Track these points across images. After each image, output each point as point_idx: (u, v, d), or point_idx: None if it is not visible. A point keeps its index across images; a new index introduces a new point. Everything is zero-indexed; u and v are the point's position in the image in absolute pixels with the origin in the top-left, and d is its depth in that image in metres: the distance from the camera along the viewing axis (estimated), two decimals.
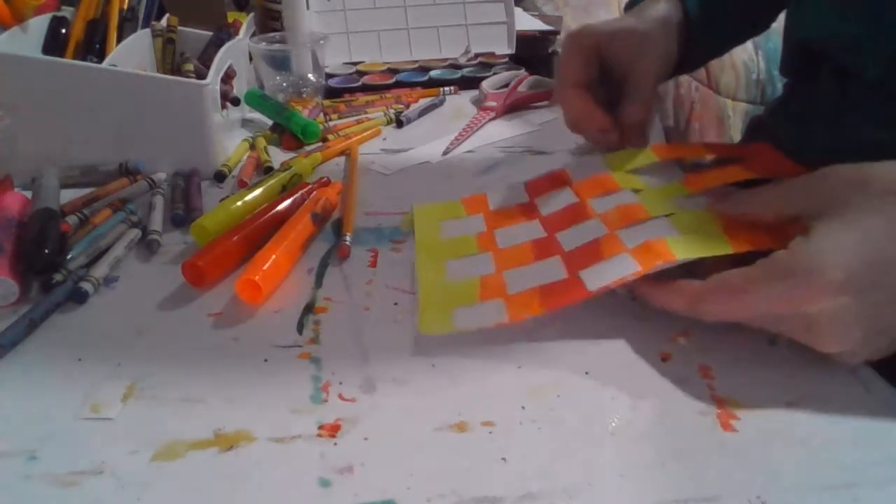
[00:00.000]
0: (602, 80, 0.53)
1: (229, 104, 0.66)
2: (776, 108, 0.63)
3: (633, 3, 0.58)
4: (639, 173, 0.48)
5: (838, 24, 0.49)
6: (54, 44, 0.64)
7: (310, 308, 0.42)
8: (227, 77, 0.67)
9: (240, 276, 0.42)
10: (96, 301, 0.43)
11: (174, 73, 0.67)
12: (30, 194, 0.51)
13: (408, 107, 0.76)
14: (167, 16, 0.72)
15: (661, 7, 0.54)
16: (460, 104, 0.78)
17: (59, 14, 0.66)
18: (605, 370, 0.36)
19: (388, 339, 0.39)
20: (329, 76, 0.83)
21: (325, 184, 0.56)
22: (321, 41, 0.76)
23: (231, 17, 0.84)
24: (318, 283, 0.45)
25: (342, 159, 0.65)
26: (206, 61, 0.66)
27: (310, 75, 0.76)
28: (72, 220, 0.49)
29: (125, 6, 0.69)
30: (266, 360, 0.37)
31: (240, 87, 0.71)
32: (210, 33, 0.73)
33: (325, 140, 0.68)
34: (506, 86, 0.78)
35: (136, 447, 0.31)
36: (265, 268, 0.42)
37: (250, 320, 0.41)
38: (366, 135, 0.69)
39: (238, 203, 0.50)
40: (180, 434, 0.32)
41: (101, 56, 0.64)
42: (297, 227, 0.47)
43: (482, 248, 0.46)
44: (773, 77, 1.30)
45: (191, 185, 0.56)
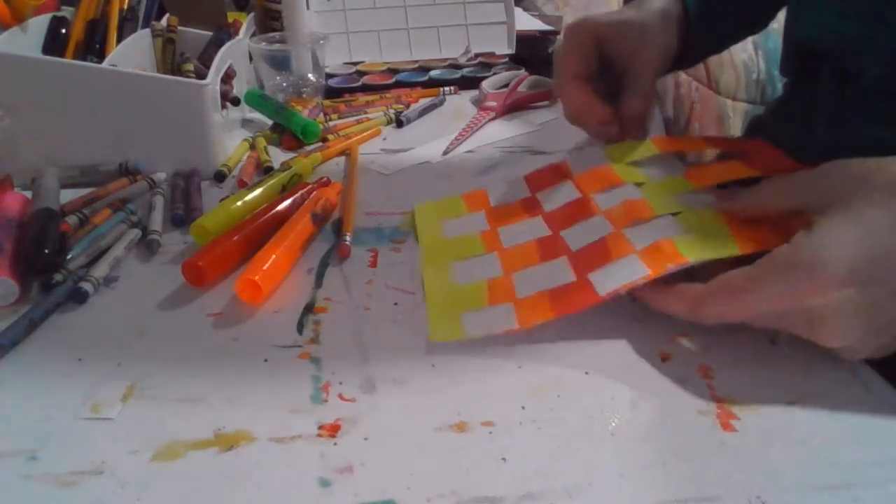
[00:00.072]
0: (602, 72, 0.53)
1: (229, 104, 0.67)
2: (776, 107, 0.63)
3: None
4: (640, 166, 0.48)
5: (838, 24, 0.49)
6: (54, 44, 0.64)
7: (310, 308, 0.42)
8: (227, 77, 0.67)
9: (240, 276, 0.42)
10: (96, 301, 0.43)
11: (174, 73, 0.67)
12: (30, 194, 0.51)
13: (408, 107, 0.76)
14: (167, 16, 0.72)
15: (660, 0, 0.54)
16: (460, 104, 0.78)
17: (59, 14, 0.66)
18: (605, 370, 0.36)
19: (388, 339, 0.39)
20: (329, 76, 0.83)
21: (325, 184, 0.56)
22: (321, 41, 0.76)
23: (231, 17, 0.84)
24: (318, 283, 0.45)
25: (342, 159, 0.65)
26: (206, 61, 0.66)
27: (310, 75, 0.76)
28: (72, 220, 0.49)
29: (125, 6, 0.69)
30: (266, 360, 0.37)
31: (240, 87, 0.71)
32: (210, 33, 0.73)
33: (325, 140, 0.68)
34: (506, 86, 0.78)
35: (136, 447, 0.31)
36: (265, 268, 0.42)
37: (250, 320, 0.41)
38: (366, 135, 0.69)
39: (238, 203, 0.50)
40: (180, 434, 0.32)
41: (101, 56, 0.64)
42: (297, 227, 0.47)
43: (487, 248, 0.46)
44: (773, 77, 1.30)
45: (191, 185, 0.56)
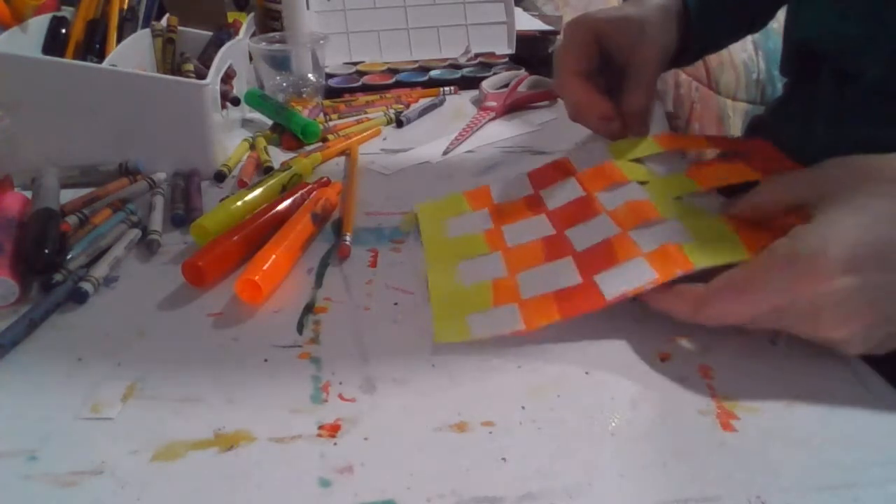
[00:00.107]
0: (602, 69, 0.52)
1: (229, 104, 0.66)
2: (776, 107, 0.63)
3: None
4: (643, 162, 0.48)
5: (838, 24, 0.49)
6: (54, 44, 0.64)
7: (310, 308, 0.42)
8: (227, 77, 0.67)
9: (240, 276, 0.42)
10: (96, 301, 0.43)
11: (174, 73, 0.67)
12: (30, 194, 0.51)
13: (408, 107, 0.76)
14: (167, 16, 0.72)
15: None
16: (460, 104, 0.78)
17: (59, 14, 0.66)
18: (605, 370, 0.36)
19: (388, 339, 0.39)
20: (329, 76, 0.83)
21: (325, 184, 0.56)
22: (321, 41, 0.76)
23: (231, 17, 0.84)
24: (318, 283, 0.45)
25: (342, 159, 0.65)
26: (206, 61, 0.66)
27: (310, 75, 0.76)
28: (72, 220, 0.49)
29: (125, 6, 0.69)
30: (266, 360, 0.37)
31: (240, 87, 0.71)
32: (210, 33, 0.73)
33: (325, 140, 0.68)
34: (506, 86, 0.78)
35: (136, 447, 0.31)
36: (265, 268, 0.42)
37: (250, 320, 0.41)
38: (366, 135, 0.69)
39: (238, 203, 0.50)
40: (180, 434, 0.32)
41: (101, 56, 0.64)
42: (297, 227, 0.47)
43: (492, 247, 0.46)
44: (773, 77, 1.30)
45: (191, 185, 0.56)
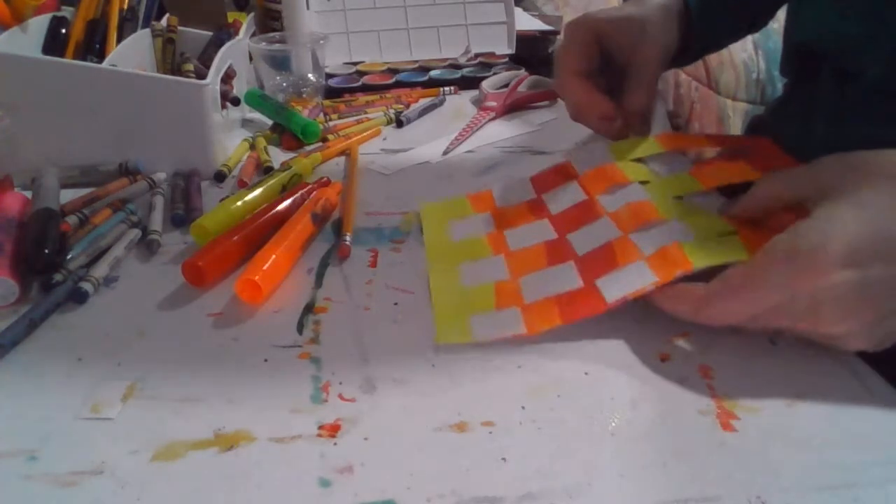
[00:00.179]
0: (603, 68, 0.52)
1: (229, 104, 0.66)
2: (776, 107, 0.63)
3: None
4: (644, 162, 0.48)
5: (838, 24, 0.49)
6: (54, 44, 0.64)
7: (310, 308, 0.42)
8: (227, 77, 0.67)
9: (240, 276, 0.42)
10: (96, 301, 0.43)
11: (174, 73, 0.67)
12: (30, 194, 0.51)
13: (408, 107, 0.76)
14: (167, 16, 0.72)
15: None
16: (460, 104, 0.78)
17: (59, 14, 0.66)
18: (605, 370, 0.36)
19: (388, 339, 0.39)
20: (329, 76, 0.83)
21: (325, 184, 0.56)
22: (321, 41, 0.76)
23: (231, 17, 0.84)
24: (318, 283, 0.45)
25: (342, 159, 0.65)
26: (206, 61, 0.66)
27: (310, 75, 0.76)
28: (72, 220, 0.49)
29: (125, 6, 0.69)
30: (266, 360, 0.37)
31: (240, 87, 0.71)
32: (210, 33, 0.73)
33: (325, 140, 0.68)
34: (506, 86, 0.78)
35: (136, 447, 0.31)
36: (265, 268, 0.42)
37: (250, 320, 0.41)
38: (366, 135, 0.69)
39: (238, 203, 0.50)
40: (180, 434, 0.32)
41: (101, 56, 0.64)
42: (297, 227, 0.47)
43: (494, 251, 0.46)
44: (773, 77, 1.30)
45: (191, 185, 0.56)
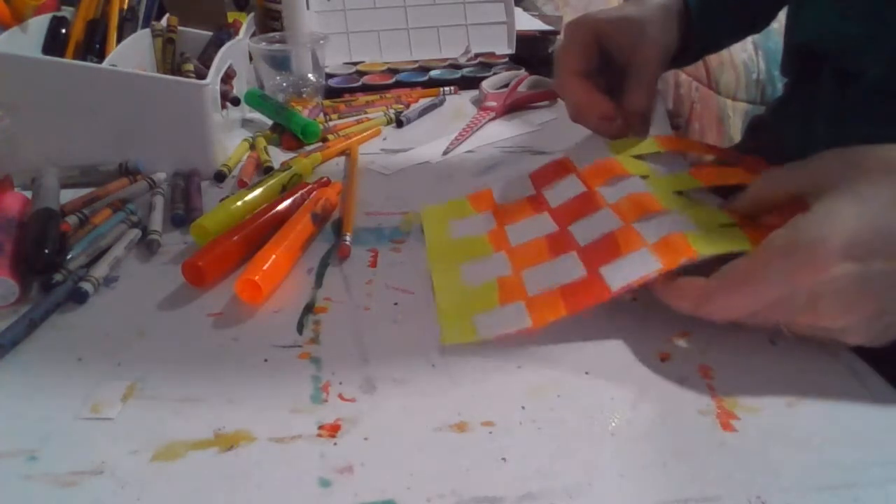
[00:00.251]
0: (603, 69, 0.52)
1: (229, 104, 0.67)
2: (777, 107, 0.63)
3: None
4: (644, 159, 0.48)
5: (838, 24, 0.49)
6: (54, 44, 0.64)
7: (310, 308, 0.42)
8: (227, 77, 0.67)
9: (240, 276, 0.42)
10: (96, 301, 0.43)
11: (174, 73, 0.67)
12: (30, 194, 0.51)
13: (408, 107, 0.76)
14: (167, 16, 0.72)
15: None
16: (460, 104, 0.78)
17: (59, 14, 0.66)
18: (605, 370, 0.36)
19: (388, 339, 0.39)
20: (329, 76, 0.83)
21: (325, 184, 0.56)
22: (321, 41, 0.76)
23: (231, 17, 0.84)
24: (318, 283, 0.45)
25: (342, 159, 0.65)
26: (206, 61, 0.66)
27: (310, 75, 0.76)
28: (72, 220, 0.49)
29: (125, 6, 0.69)
30: (266, 360, 0.37)
31: (240, 87, 0.71)
32: (210, 33, 0.73)
33: (325, 140, 0.68)
34: (506, 86, 0.78)
35: (136, 447, 0.31)
36: (265, 268, 0.42)
37: (250, 320, 0.41)
38: (366, 135, 0.69)
39: (238, 203, 0.50)
40: (180, 434, 0.32)
41: (101, 56, 0.64)
42: (297, 227, 0.47)
43: (496, 248, 0.46)
44: (773, 77, 1.31)
45: (191, 185, 0.56)
